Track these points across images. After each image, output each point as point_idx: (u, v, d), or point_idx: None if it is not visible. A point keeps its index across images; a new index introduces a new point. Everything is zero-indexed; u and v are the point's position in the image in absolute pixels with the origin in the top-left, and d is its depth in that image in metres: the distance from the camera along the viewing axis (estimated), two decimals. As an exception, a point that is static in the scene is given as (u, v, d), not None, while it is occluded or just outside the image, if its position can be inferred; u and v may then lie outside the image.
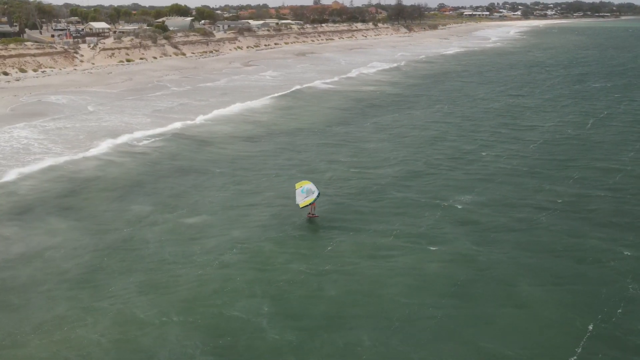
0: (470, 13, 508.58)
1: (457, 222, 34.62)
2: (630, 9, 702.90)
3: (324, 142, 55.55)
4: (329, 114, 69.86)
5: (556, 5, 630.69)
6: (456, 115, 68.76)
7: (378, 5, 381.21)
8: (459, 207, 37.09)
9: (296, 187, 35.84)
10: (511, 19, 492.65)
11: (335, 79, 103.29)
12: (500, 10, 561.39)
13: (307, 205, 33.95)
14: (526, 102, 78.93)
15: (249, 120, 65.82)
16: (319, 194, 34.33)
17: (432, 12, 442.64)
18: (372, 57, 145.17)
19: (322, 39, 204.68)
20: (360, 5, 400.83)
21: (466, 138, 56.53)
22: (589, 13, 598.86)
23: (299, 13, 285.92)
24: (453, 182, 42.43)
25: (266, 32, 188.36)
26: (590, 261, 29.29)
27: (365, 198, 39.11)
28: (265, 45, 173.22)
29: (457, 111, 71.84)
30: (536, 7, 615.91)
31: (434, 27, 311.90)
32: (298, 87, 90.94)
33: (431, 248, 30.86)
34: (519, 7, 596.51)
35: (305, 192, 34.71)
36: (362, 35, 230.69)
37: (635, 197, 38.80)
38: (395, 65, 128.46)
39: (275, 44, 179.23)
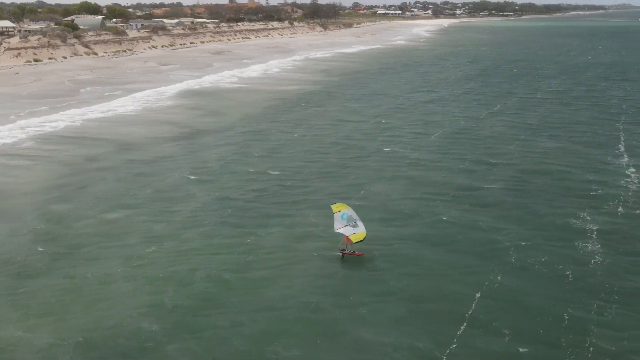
0: (384, 12, 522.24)
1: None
2: (531, 8, 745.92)
3: (230, 142, 57.14)
4: (245, 113, 71.80)
5: (464, 4, 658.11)
6: (365, 114, 72.11)
7: (294, 4, 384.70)
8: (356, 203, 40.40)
9: (333, 211, 31.28)
10: (422, 17, 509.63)
11: (253, 76, 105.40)
12: (412, 9, 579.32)
13: (360, 242, 29.76)
14: (431, 97, 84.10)
15: (161, 120, 66.90)
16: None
17: (347, 11, 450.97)
18: (289, 56, 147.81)
19: (238, 38, 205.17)
20: (276, 4, 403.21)
21: (372, 136, 59.39)
22: (494, 12, 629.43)
23: (214, 12, 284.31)
24: (352, 180, 44.33)
25: (181, 31, 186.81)
26: (477, 251, 32.82)
27: (268, 196, 41.79)
28: (181, 44, 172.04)
29: (366, 109, 75.47)
30: (445, 6, 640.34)
31: (349, 25, 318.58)
32: (215, 85, 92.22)
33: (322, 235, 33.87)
34: (430, 6, 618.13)
35: (346, 219, 30.57)
36: (279, 34, 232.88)
37: (522, 186, 43.33)
38: (313, 64, 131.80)
39: (191, 43, 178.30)
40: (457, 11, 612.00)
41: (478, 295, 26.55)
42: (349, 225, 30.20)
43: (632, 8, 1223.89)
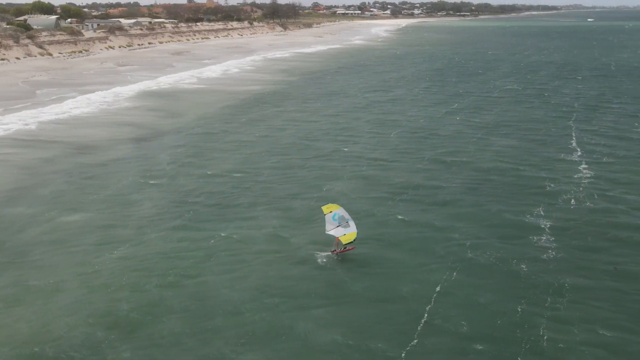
0: (343, 12, 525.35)
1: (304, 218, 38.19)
2: (487, 8, 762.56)
3: (188, 143, 56.91)
4: (205, 113, 71.38)
5: (422, 5, 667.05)
6: (324, 114, 72.45)
7: (253, 4, 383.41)
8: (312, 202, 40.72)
9: (324, 212, 31.06)
10: (381, 17, 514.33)
11: (212, 76, 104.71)
12: (371, 9, 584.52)
13: (350, 243, 29.78)
14: (389, 96, 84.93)
15: (119, 121, 65.88)
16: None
17: (307, 11, 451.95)
18: (249, 56, 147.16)
19: (197, 38, 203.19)
20: (235, 4, 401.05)
21: (331, 135, 59.60)
22: (451, 12, 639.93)
23: (172, 12, 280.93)
24: (311, 180, 44.61)
25: (139, 31, 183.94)
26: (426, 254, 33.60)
27: (233, 193, 41.88)
28: (139, 44, 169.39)
29: (326, 109, 75.85)
30: (404, 6, 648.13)
31: (309, 25, 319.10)
32: (174, 86, 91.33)
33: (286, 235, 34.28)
34: (388, 6, 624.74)
35: (337, 220, 30.35)
36: (238, 34, 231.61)
37: (478, 184, 44.25)
38: (272, 64, 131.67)
39: (150, 43, 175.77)
40: (416, 11, 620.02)
41: (435, 294, 26.93)
42: (340, 226, 30.12)
43: (582, 8, 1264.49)
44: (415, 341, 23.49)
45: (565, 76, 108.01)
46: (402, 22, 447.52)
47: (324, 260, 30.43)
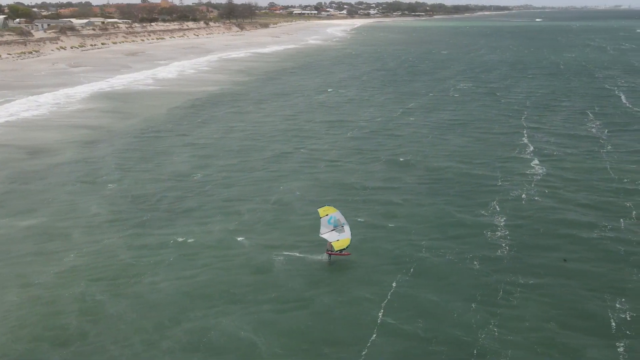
0: (300, 12, 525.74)
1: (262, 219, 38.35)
2: (441, 8, 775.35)
3: (143, 146, 56.13)
4: (161, 115, 70.47)
5: (378, 5, 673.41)
6: (281, 114, 72.56)
7: (209, 4, 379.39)
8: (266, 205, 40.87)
9: (320, 215, 30.54)
10: (338, 17, 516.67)
11: (168, 77, 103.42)
12: (328, 9, 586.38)
13: (343, 249, 29.29)
14: (345, 96, 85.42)
15: (71, 124, 64.47)
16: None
17: (263, 11, 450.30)
18: (206, 56, 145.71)
19: (152, 39, 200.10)
20: (190, 3, 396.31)
21: (287, 136, 59.72)
22: (406, 12, 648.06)
23: (126, 11, 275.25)
24: (268, 181, 44.55)
25: (92, 32, 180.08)
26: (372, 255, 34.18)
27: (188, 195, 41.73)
28: (92, 45, 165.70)
29: (282, 109, 75.92)
30: (360, 6, 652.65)
31: (266, 25, 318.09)
32: (129, 87, 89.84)
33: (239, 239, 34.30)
34: (345, 6, 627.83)
35: (332, 223, 29.86)
36: (194, 34, 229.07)
37: (434, 182, 45.06)
38: (229, 64, 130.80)
39: (103, 43, 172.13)
40: (372, 11, 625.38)
41: (390, 295, 27.13)
42: (334, 231, 29.61)
43: (532, 9, 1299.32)
44: (370, 344, 23.52)
45: (516, 75, 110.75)
46: (358, 22, 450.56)
47: (278, 263, 30.31)
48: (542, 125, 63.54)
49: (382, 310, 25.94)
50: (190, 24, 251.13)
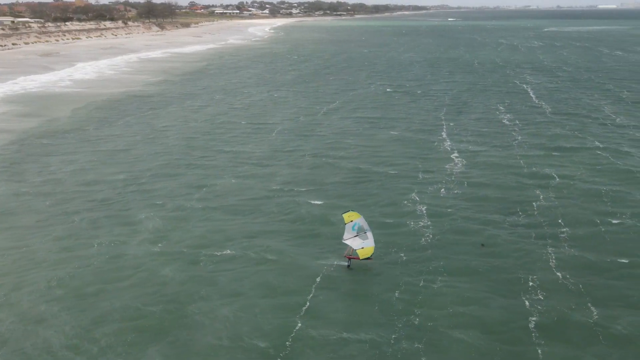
0: (222, 11, 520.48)
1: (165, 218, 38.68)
2: (362, 8, 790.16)
3: (64, 150, 54.86)
4: (81, 117, 68.64)
5: (300, 4, 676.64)
6: (205, 114, 72.45)
7: (126, 3, 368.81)
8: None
9: (345, 221, 30.19)
10: (260, 17, 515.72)
11: (87, 78, 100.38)
12: (250, 8, 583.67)
13: (367, 258, 29.21)
14: (270, 94, 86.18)
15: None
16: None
17: (184, 10, 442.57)
18: (125, 56, 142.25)
19: (68, 39, 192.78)
20: (107, 2, 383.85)
21: (213, 135, 60.19)
22: (328, 12, 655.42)
23: (37, 10, 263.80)
24: (195, 180, 44.73)
25: (0, 31, 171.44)
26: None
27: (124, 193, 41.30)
28: (1, 45, 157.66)
29: (206, 108, 75.75)
30: (282, 6, 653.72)
31: (187, 25, 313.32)
32: (46, 89, 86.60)
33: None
34: (267, 5, 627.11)
35: (356, 230, 29.59)
36: (112, 34, 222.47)
37: (359, 176, 46.54)
38: (150, 64, 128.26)
39: (14, 44, 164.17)
40: (294, 11, 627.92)
41: (315, 285, 27.97)
42: (358, 237, 29.42)
43: (449, 9, 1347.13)
44: (295, 335, 24.04)
45: (434, 73, 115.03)
46: (281, 21, 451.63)
47: (208, 260, 30.57)
48: (460, 120, 66.66)
49: (308, 301, 26.79)
50: (108, 24, 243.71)
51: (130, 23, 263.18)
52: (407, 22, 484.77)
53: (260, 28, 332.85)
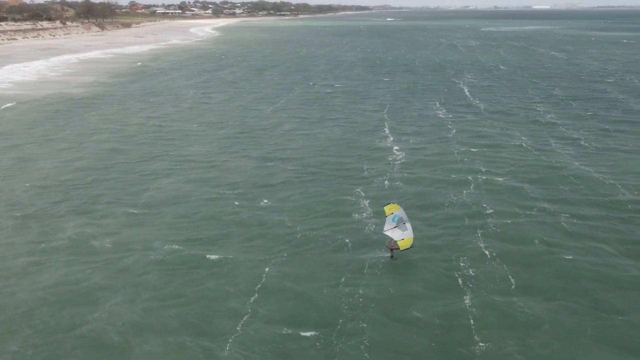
0: (164, 11, 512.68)
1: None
2: (305, 8, 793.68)
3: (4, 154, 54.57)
4: (20, 120, 67.71)
5: (243, 4, 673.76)
6: (147, 116, 72.62)
7: (63, 3, 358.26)
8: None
9: (386, 213, 31.44)
10: (203, 17, 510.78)
11: (27, 80, 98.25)
12: (192, 8, 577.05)
13: (407, 249, 30.40)
14: (214, 95, 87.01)
15: None
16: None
17: (124, 10, 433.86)
18: (65, 58, 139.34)
19: (3, 39, 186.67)
20: (42, 2, 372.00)
21: (155, 137, 60.05)
22: (272, 12, 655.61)
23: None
24: (138, 184, 44.56)
25: None
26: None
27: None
28: None
29: (147, 110, 75.85)
30: (225, 5, 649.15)
31: (128, 25, 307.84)
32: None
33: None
34: (210, 5, 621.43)
35: (396, 222, 30.74)
36: (50, 35, 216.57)
37: (304, 174, 48.30)
38: (92, 65, 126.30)
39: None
40: (237, 11, 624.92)
41: (263, 280, 28.91)
42: (397, 227, 30.60)
43: (391, 9, 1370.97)
44: (236, 336, 24.34)
45: (376, 72, 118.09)
46: (224, 21, 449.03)
47: (140, 265, 30.55)
48: (401, 117, 69.42)
49: (254, 296, 28.03)
50: (45, 24, 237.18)
51: (68, 23, 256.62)
52: (350, 22, 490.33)
53: (204, 28, 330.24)
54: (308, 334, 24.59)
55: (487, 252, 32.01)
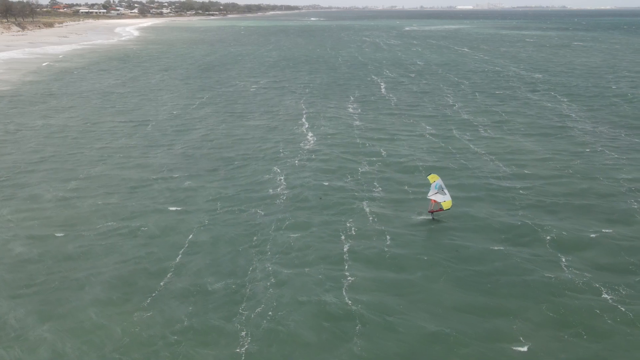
0: (87, 10, 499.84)
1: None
2: (234, 8, 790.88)
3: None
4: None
5: (170, 4, 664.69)
6: (74, 113, 74.81)
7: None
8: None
9: (430, 181, 37.33)
10: (129, 16, 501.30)
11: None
12: (118, 7, 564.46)
13: (448, 209, 35.68)
14: (139, 92, 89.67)
15: None
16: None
17: (45, 9, 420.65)
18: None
19: None
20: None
21: (83, 132, 62.69)
22: (200, 11, 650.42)
23: None
24: (57, 177, 48.93)
25: None
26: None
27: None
28: None
29: (75, 109, 77.84)
30: (152, 5, 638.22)
31: (51, 25, 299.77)
32: None
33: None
34: (136, 5, 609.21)
35: (437, 188, 35.82)
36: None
37: (225, 158, 52.81)
38: (17, 66, 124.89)
39: None
40: (164, 10, 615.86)
41: (184, 248, 32.60)
42: (438, 193, 35.61)
43: (320, 9, 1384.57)
44: (159, 291, 28.05)
45: (300, 69, 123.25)
46: (151, 21, 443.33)
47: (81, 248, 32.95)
48: (317, 109, 74.81)
49: (175, 262, 32.58)
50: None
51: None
52: (279, 21, 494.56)
53: (130, 28, 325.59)
54: (221, 283, 29.10)
55: (368, 212, 37.66)
